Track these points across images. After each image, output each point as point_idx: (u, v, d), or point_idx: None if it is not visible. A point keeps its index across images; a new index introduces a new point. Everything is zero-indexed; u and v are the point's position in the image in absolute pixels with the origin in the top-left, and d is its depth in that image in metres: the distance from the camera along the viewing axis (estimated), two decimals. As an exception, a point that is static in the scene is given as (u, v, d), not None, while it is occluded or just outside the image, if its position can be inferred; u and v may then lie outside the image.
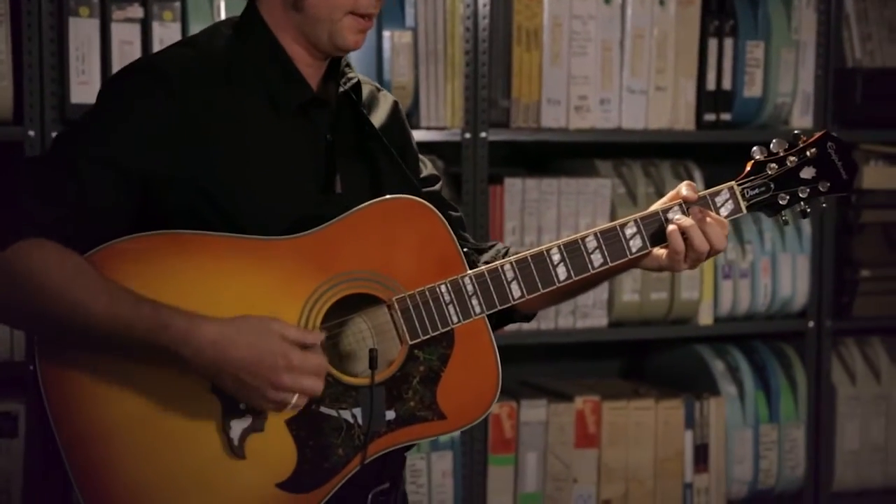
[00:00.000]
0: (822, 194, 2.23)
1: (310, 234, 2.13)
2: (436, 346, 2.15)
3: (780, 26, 3.92)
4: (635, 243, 2.21)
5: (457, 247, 2.18)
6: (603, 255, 2.20)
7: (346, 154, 2.24)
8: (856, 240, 4.06)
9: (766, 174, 2.23)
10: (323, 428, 2.11)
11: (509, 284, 2.18)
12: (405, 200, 2.17)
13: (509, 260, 2.19)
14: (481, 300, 2.16)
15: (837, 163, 2.23)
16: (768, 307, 3.97)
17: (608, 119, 3.76)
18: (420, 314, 2.14)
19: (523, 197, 3.70)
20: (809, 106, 3.98)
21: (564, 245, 2.20)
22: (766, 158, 2.25)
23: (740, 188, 2.24)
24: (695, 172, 3.89)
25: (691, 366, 3.97)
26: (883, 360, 4.12)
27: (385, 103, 2.36)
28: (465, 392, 2.16)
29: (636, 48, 3.78)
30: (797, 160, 2.22)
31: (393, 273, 2.15)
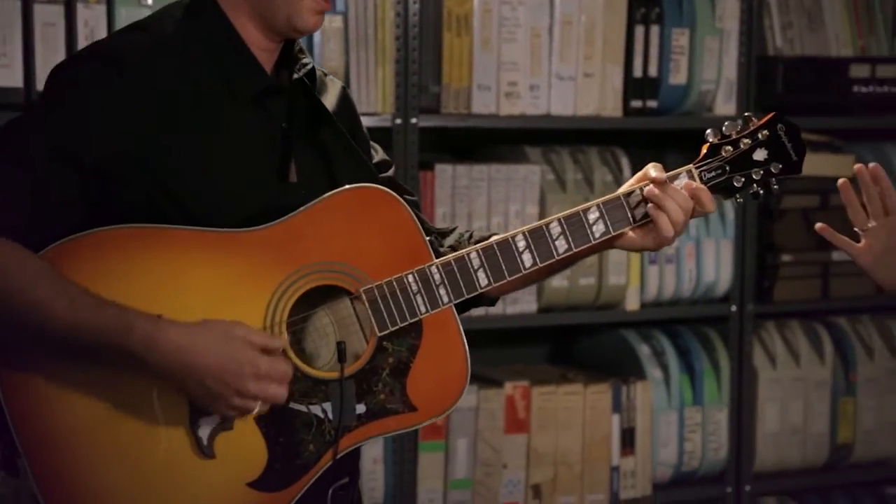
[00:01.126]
0: (774, 176, 2.14)
1: (275, 226, 2.00)
2: (404, 337, 2.04)
3: (704, 14, 3.75)
4: (598, 228, 2.10)
5: (422, 235, 2.06)
6: (567, 241, 2.09)
7: (302, 142, 2.09)
8: (777, 225, 3.90)
9: (722, 156, 2.12)
10: (293, 424, 2.00)
11: (476, 273, 2.06)
12: (370, 189, 2.05)
13: (475, 248, 2.07)
14: (449, 289, 2.05)
15: (788, 144, 2.15)
16: (693, 292, 3.80)
17: (537, 105, 3.56)
18: (388, 305, 2.03)
19: (454, 183, 3.49)
20: (733, 93, 3.82)
21: (529, 232, 2.08)
22: (721, 141, 2.13)
23: (698, 171, 2.12)
24: (622, 159, 3.71)
25: (618, 350, 3.80)
26: (802, 343, 3.97)
27: (334, 88, 2.20)
28: (434, 382, 2.05)
29: (565, 35, 3.58)
30: (750, 142, 2.13)
31: (360, 263, 2.03)
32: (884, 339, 4.06)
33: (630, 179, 2.15)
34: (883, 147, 4.10)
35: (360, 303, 2.02)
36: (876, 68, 3.96)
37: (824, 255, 3.94)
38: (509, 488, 3.57)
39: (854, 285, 3.98)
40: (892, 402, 4.03)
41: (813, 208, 3.95)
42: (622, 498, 3.70)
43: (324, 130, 2.11)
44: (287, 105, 2.08)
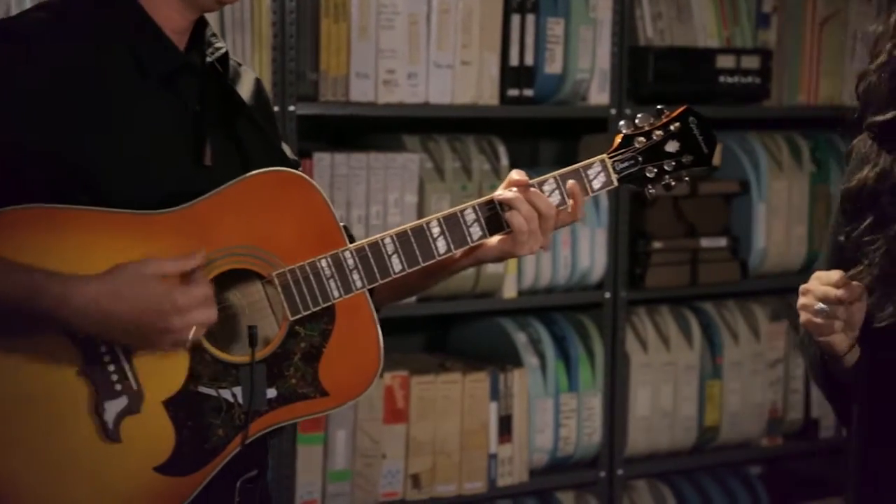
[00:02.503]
0: (686, 167, 2.01)
1: (187, 208, 1.85)
2: (317, 322, 1.91)
3: (578, 4, 3.52)
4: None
5: (336, 220, 1.92)
6: (482, 228, 1.95)
7: (214, 127, 1.91)
8: (648, 213, 3.70)
9: (635, 147, 2.00)
10: (202, 408, 1.86)
11: (390, 258, 1.92)
12: (284, 173, 1.91)
13: (389, 233, 1.93)
14: (362, 274, 1.91)
15: (699, 137, 2.01)
16: (568, 279, 3.57)
17: (416, 93, 3.30)
18: (301, 289, 1.89)
19: (332, 172, 3.21)
20: (606, 82, 3.60)
21: (444, 218, 1.95)
22: (634, 132, 2.00)
23: (611, 161, 2.00)
24: (499, 147, 3.46)
25: (495, 339, 3.56)
26: (672, 328, 3.77)
27: (248, 79, 2.03)
28: (347, 368, 1.93)
29: (442, 22, 3.32)
30: (663, 134, 2.00)
31: (272, 247, 1.89)
32: (748, 324, 3.89)
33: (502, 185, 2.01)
34: (747, 136, 3.93)
35: (272, 287, 1.89)
36: (740, 59, 3.80)
37: (693, 242, 3.77)
38: (388, 478, 3.32)
39: (720, 271, 3.82)
40: (755, 384, 3.88)
41: (683, 196, 3.77)
42: (499, 485, 3.47)
43: (239, 119, 1.96)
44: (199, 87, 1.91)
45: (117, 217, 1.82)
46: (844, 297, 1.83)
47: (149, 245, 1.82)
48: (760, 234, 3.87)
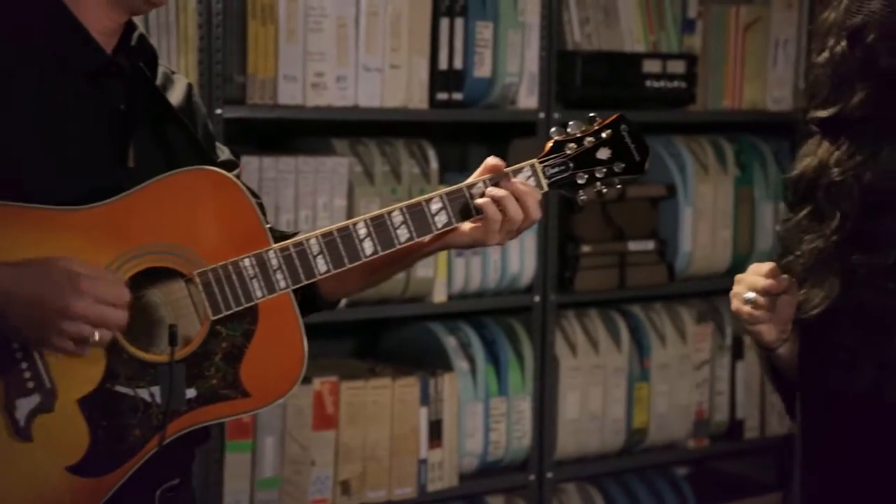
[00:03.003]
0: (617, 175, 1.96)
1: (105, 205, 1.77)
2: (239, 322, 1.84)
3: (507, 8, 3.44)
4: (441, 218, 1.90)
5: (261, 219, 1.85)
6: (409, 230, 1.89)
7: (141, 129, 1.84)
8: (577, 217, 3.63)
9: (566, 153, 1.94)
10: (118, 408, 1.79)
11: (315, 258, 1.85)
12: (207, 171, 1.84)
13: (315, 234, 1.87)
14: (286, 274, 1.85)
15: (631, 145, 1.97)
16: (498, 283, 3.48)
17: (345, 97, 3.20)
18: (223, 288, 1.83)
19: (260, 175, 3.10)
20: (535, 86, 3.52)
21: (371, 219, 1.88)
22: (566, 138, 1.95)
23: (542, 166, 1.94)
24: (429, 151, 3.37)
25: (425, 343, 3.46)
26: (601, 331, 3.70)
27: (180, 85, 1.96)
28: (269, 369, 1.86)
29: (371, 26, 3.22)
30: (594, 141, 1.95)
31: (195, 246, 1.82)
32: (675, 326, 3.83)
33: (475, 173, 1.94)
34: (673, 140, 3.87)
35: (193, 286, 1.82)
36: (666, 64, 3.73)
37: (621, 246, 3.71)
38: (318, 485, 3.21)
39: (648, 274, 3.76)
40: (681, 386, 3.81)
41: (610, 200, 3.69)
42: (429, 490, 3.37)
43: (167, 123, 1.90)
44: (126, 88, 1.84)
45: (32, 213, 1.75)
46: (771, 288, 1.81)
47: (63, 240, 1.75)
48: (687, 238, 3.82)
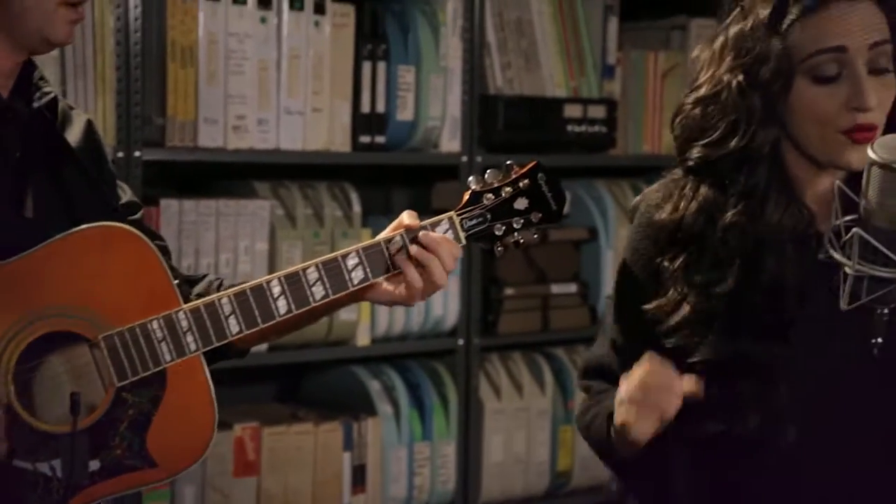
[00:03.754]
0: (535, 225, 1.88)
1: (7, 264, 1.66)
2: (146, 388, 1.72)
3: (429, 52, 3.34)
4: (357, 274, 1.80)
5: (170, 278, 1.74)
6: (325, 288, 1.76)
7: (39, 175, 1.72)
8: (500, 260, 3.50)
9: (483, 205, 1.85)
10: (16, 484, 1.66)
11: (227, 319, 1.73)
12: (113, 228, 1.72)
13: (227, 293, 1.74)
14: (197, 336, 1.73)
15: (548, 194, 1.87)
16: (422, 326, 3.37)
17: (266, 140, 3.08)
18: (129, 353, 1.70)
19: (180, 219, 2.97)
20: (457, 130, 3.42)
21: (285, 277, 1.74)
22: (483, 189, 1.85)
23: (459, 218, 1.85)
24: (351, 194, 3.25)
25: (349, 387, 3.33)
26: (525, 374, 3.59)
27: (79, 122, 1.82)
28: (177, 436, 1.75)
29: (293, 69, 3.11)
30: (511, 191, 1.86)
31: (100, 307, 1.70)
32: (598, 368, 3.72)
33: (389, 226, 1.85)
34: (594, 183, 3.79)
35: (98, 350, 1.70)
36: (587, 108, 3.66)
37: (544, 289, 3.61)
38: (240, 533, 3.06)
39: (571, 317, 3.66)
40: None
41: (533, 244, 3.58)
42: (353, 536, 3.24)
43: (65, 166, 1.76)
44: (23, 133, 1.71)
45: None
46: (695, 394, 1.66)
47: None
48: (609, 280, 3.72)
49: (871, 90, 1.66)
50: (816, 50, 1.67)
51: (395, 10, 3.32)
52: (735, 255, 1.71)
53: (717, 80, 1.74)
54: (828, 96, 1.68)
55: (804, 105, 1.69)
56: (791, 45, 1.68)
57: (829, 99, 1.68)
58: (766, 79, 1.70)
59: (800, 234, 1.72)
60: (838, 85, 1.68)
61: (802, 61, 1.68)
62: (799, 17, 1.68)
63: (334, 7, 3.17)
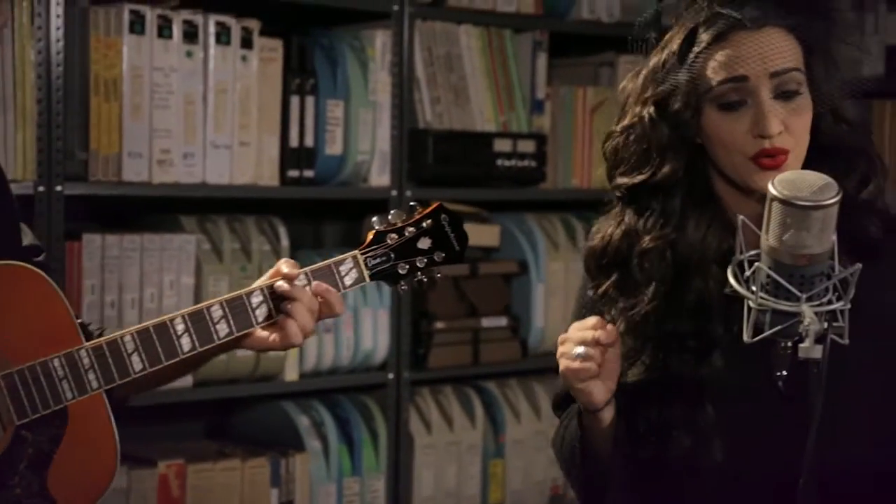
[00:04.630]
0: (438, 264, 1.89)
1: None
2: (47, 426, 1.68)
3: (357, 87, 3.27)
4: (262, 311, 1.77)
5: (72, 316, 1.71)
6: (229, 325, 1.72)
7: None
8: (430, 293, 3.44)
9: (387, 244, 1.87)
10: None
11: (130, 357, 1.70)
12: (13, 266, 1.69)
13: (130, 331, 1.72)
14: (99, 374, 1.69)
15: (450, 234, 1.89)
16: (351, 361, 3.28)
17: (192, 174, 2.99)
18: (29, 391, 1.67)
19: (103, 254, 2.87)
20: (387, 164, 3.34)
21: (189, 315, 1.74)
22: (387, 229, 1.88)
23: (363, 257, 1.86)
24: (279, 228, 3.16)
25: (277, 422, 3.23)
26: (455, 408, 3.51)
27: None
28: (79, 474, 1.70)
29: (219, 103, 3.02)
30: (415, 231, 1.88)
31: (1, 347, 1.65)
32: (529, 402, 3.65)
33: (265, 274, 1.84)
34: (524, 217, 3.73)
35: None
36: (517, 143, 3.59)
37: (474, 322, 3.53)
38: (164, 572, 2.94)
39: (501, 350, 3.59)
40: (536, 463, 3.63)
41: (464, 277, 3.53)
42: (282, 573, 3.13)
43: None
44: None
45: None
46: (602, 339, 1.68)
47: None
48: (539, 314, 3.66)
49: (776, 116, 1.69)
50: (719, 80, 1.70)
51: (324, 44, 3.25)
52: (652, 279, 1.74)
53: (634, 112, 1.79)
54: (733, 123, 1.70)
55: (713, 133, 1.72)
56: (698, 75, 1.71)
57: (734, 126, 1.70)
58: (676, 109, 1.73)
59: (724, 253, 1.73)
60: (743, 112, 1.70)
61: (708, 91, 1.71)
62: (704, 49, 1.71)
63: (262, 41, 3.09)
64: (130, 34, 2.86)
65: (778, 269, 1.53)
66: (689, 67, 1.71)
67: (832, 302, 1.52)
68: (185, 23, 2.95)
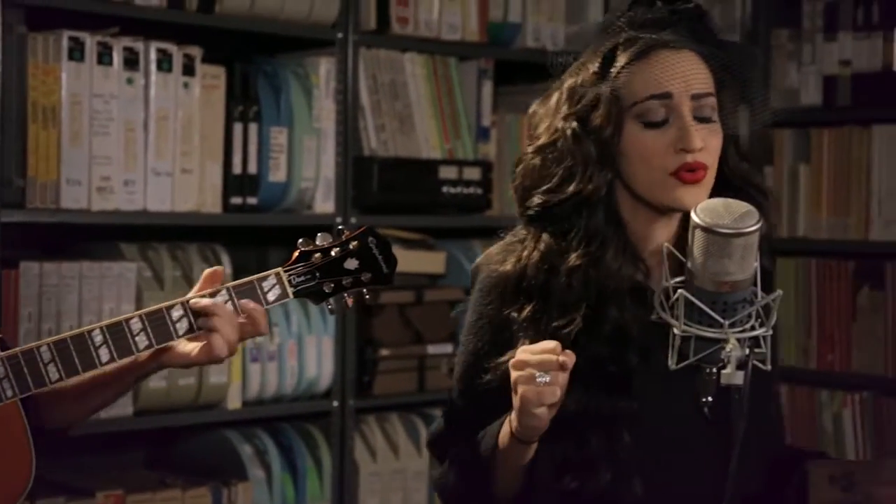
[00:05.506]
0: (364, 285, 1.86)
1: None
2: None
3: (301, 114, 3.21)
4: (182, 326, 1.75)
5: None
6: (148, 337, 1.72)
7: None
8: (375, 320, 3.39)
9: (312, 263, 1.84)
10: None
11: (46, 366, 1.67)
12: None
13: (46, 341, 1.68)
14: (14, 383, 1.66)
15: (378, 256, 1.86)
16: (295, 389, 3.21)
17: (133, 201, 2.92)
18: None
19: (41, 282, 2.79)
20: (331, 192, 3.29)
21: (107, 326, 1.71)
22: (312, 248, 1.85)
23: (287, 274, 1.83)
24: (223, 255, 3.10)
25: (220, 451, 3.16)
26: (401, 435, 3.45)
27: None
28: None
29: (161, 130, 2.96)
30: (341, 251, 1.85)
31: None
32: (476, 428, 3.59)
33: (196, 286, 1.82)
34: (471, 244, 3.68)
35: None
36: (462, 170, 3.55)
37: (420, 349, 3.47)
38: None
39: (447, 377, 3.52)
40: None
41: (409, 304, 3.47)
42: None
43: None
44: None
45: None
46: (569, 362, 1.63)
47: None
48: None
49: (699, 133, 1.70)
50: (644, 96, 1.70)
51: (268, 71, 3.20)
52: (580, 298, 1.71)
53: (553, 129, 1.77)
54: (656, 139, 1.70)
55: (635, 148, 1.71)
56: (620, 91, 1.71)
57: (657, 141, 1.70)
58: (598, 124, 1.72)
59: (637, 285, 1.72)
60: (666, 129, 1.70)
61: (632, 106, 1.71)
62: (627, 65, 1.71)
63: (204, 69, 3.04)
64: (69, 61, 2.80)
65: (701, 295, 1.51)
66: (613, 81, 1.71)
67: (755, 328, 1.51)
68: (126, 49, 2.89)
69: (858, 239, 3.55)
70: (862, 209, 3.54)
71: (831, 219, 3.62)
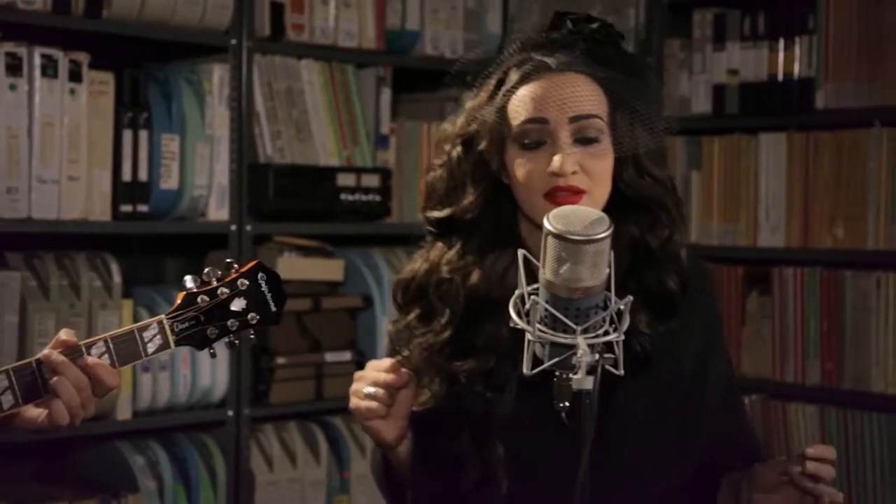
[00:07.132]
0: (251, 326, 1.73)
1: None
2: None
3: (194, 121, 3.11)
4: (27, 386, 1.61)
5: None
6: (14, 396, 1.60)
7: None
8: (271, 329, 3.28)
9: (198, 306, 1.68)
10: None
11: None
12: None
13: None
14: None
15: (267, 294, 1.73)
16: (189, 398, 3.10)
17: (17, 209, 2.80)
18: None
19: (-81, 292, 2.66)
20: (225, 199, 3.19)
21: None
22: (198, 290, 1.69)
23: (170, 322, 1.68)
24: (112, 264, 2.99)
25: (111, 463, 3.04)
26: (298, 444, 3.35)
27: None
28: None
29: (46, 136, 2.84)
30: (228, 292, 1.70)
31: None
32: (374, 436, 3.50)
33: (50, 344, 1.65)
34: (370, 251, 3.60)
35: None
36: (361, 177, 3.47)
37: (318, 357, 3.38)
38: None
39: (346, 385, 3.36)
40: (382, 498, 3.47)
41: (306, 311, 3.38)
42: None
43: None
44: None
45: None
46: (393, 382, 1.68)
47: None
48: (385, 348, 3.51)
49: (571, 158, 1.69)
50: (521, 120, 1.71)
51: (159, 78, 3.09)
52: (448, 307, 1.75)
53: (446, 149, 1.81)
54: (531, 162, 1.71)
55: (514, 170, 1.73)
56: (504, 115, 1.73)
57: (531, 164, 1.71)
58: (483, 147, 1.75)
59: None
60: (542, 152, 1.71)
61: (512, 130, 1.72)
62: (510, 89, 1.72)
63: (92, 75, 2.92)
64: (-51, 66, 2.68)
65: (555, 302, 1.49)
66: (496, 106, 1.73)
67: (608, 333, 1.48)
68: (9, 55, 2.77)
69: (747, 245, 3.53)
70: (751, 216, 3.52)
71: (722, 225, 3.59)
